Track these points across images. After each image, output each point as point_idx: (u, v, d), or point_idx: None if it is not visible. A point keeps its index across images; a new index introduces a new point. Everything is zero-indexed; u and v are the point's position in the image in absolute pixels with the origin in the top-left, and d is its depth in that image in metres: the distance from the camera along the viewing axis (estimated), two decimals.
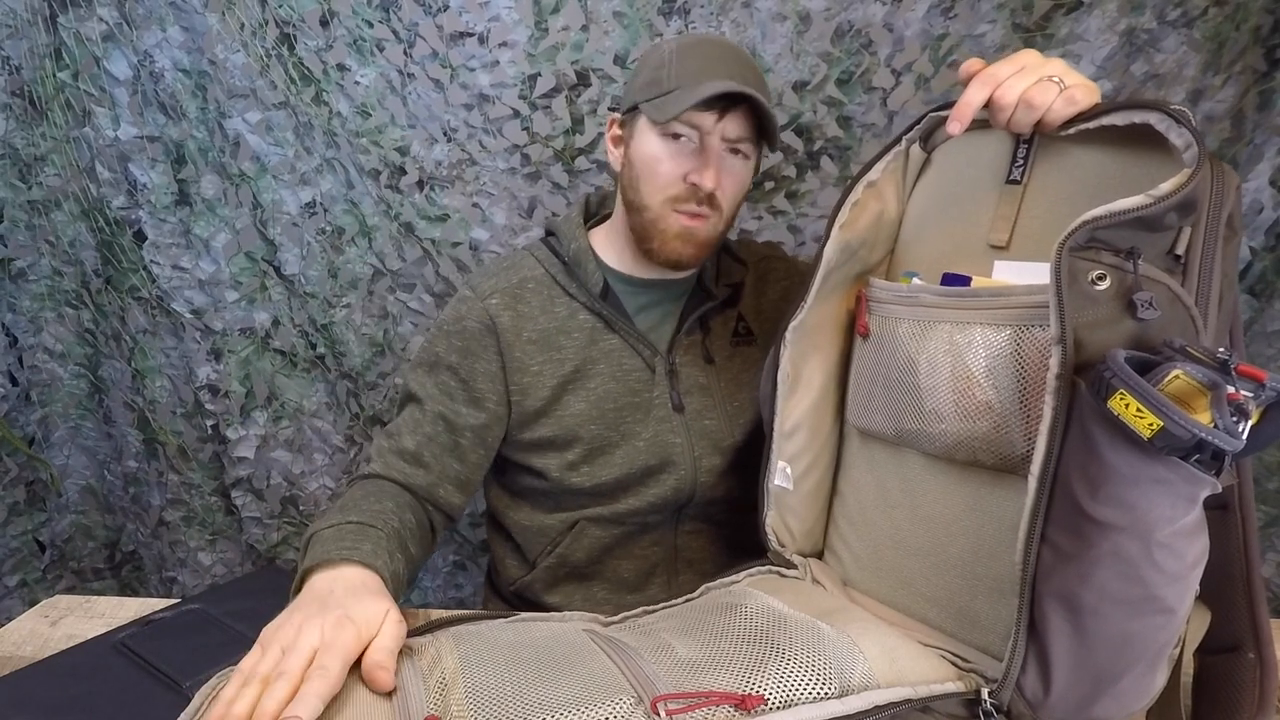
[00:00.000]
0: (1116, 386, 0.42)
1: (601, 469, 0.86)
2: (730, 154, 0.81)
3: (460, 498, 0.86)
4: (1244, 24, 1.09)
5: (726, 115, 0.78)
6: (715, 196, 0.80)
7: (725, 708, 0.48)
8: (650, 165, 0.81)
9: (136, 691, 0.64)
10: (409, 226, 1.25)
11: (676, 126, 0.78)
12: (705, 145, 0.79)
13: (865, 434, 0.70)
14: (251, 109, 1.19)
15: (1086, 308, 0.47)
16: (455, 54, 1.18)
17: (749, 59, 0.82)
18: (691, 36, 0.84)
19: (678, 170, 0.80)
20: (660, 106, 0.78)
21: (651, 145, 0.81)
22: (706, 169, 0.78)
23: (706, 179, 0.78)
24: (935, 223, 0.68)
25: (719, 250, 0.94)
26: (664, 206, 0.81)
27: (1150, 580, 0.45)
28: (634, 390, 0.87)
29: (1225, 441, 0.40)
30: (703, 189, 0.79)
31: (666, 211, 0.81)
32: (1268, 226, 1.16)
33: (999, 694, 0.51)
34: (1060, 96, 0.55)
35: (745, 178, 0.84)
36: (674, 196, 0.81)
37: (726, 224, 0.85)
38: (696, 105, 0.76)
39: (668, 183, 0.80)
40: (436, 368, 0.87)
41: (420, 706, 0.49)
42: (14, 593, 1.42)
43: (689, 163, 0.79)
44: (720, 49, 0.81)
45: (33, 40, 1.16)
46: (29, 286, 1.29)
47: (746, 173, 0.84)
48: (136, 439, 1.36)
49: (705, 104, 0.76)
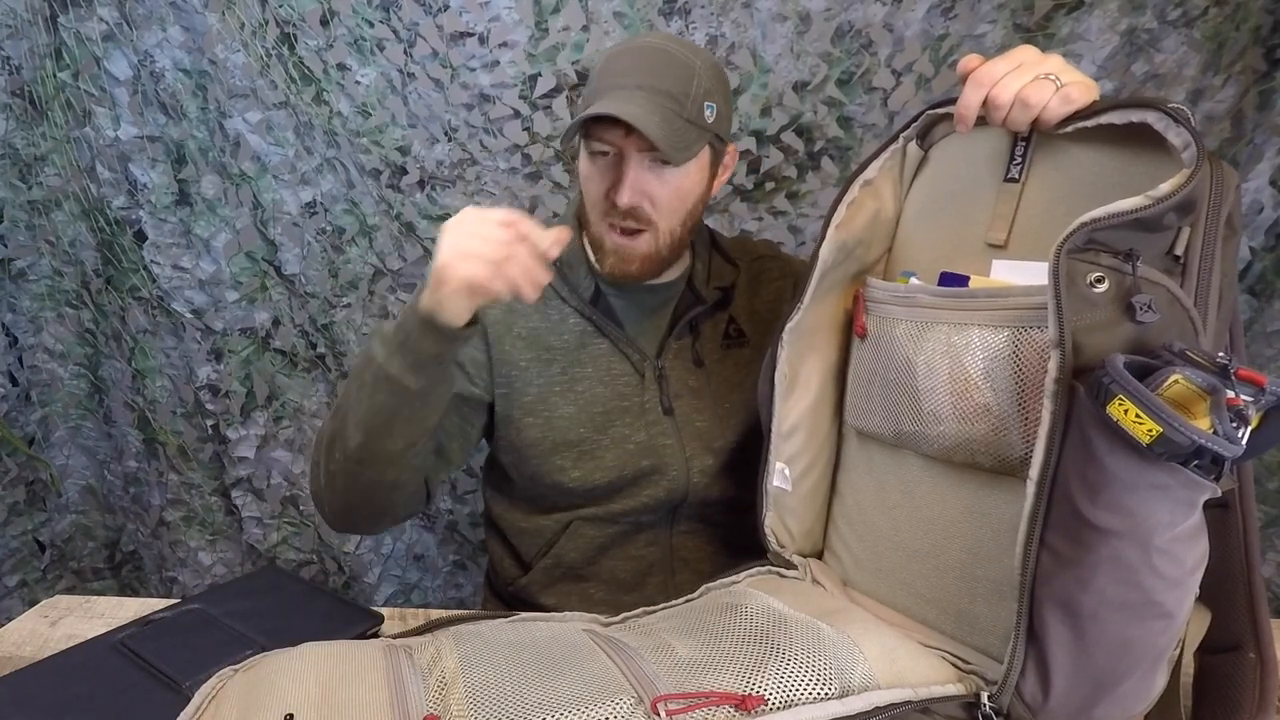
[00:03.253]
0: (1115, 392, 0.41)
1: (594, 472, 0.86)
2: (659, 165, 0.78)
3: (436, 465, 0.84)
4: (1244, 24, 1.09)
5: (634, 131, 0.74)
6: (641, 211, 0.79)
7: (725, 708, 0.49)
8: (584, 183, 0.83)
9: (136, 691, 0.64)
10: (410, 226, 1.25)
11: (594, 144, 0.79)
12: (622, 158, 0.78)
13: (864, 435, 0.69)
14: (252, 109, 1.19)
15: (1085, 310, 0.47)
16: (456, 54, 1.18)
17: (665, 64, 0.78)
18: (621, 45, 0.83)
19: (601, 187, 0.80)
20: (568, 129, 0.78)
21: (583, 164, 0.82)
22: (621, 184, 0.78)
23: (621, 195, 0.78)
24: (933, 221, 0.67)
25: (709, 252, 0.94)
26: (600, 223, 0.82)
27: (1149, 585, 0.45)
28: (622, 394, 0.87)
29: (1225, 447, 0.40)
30: (619, 204, 0.78)
31: (604, 228, 0.82)
32: (1268, 226, 1.16)
33: (998, 698, 0.51)
34: (1057, 95, 0.54)
35: (682, 187, 0.81)
36: (604, 213, 0.81)
37: (673, 236, 0.83)
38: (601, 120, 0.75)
39: (595, 201, 0.81)
40: None
41: (420, 705, 0.49)
42: (14, 593, 1.42)
43: (610, 178, 0.79)
44: (635, 58, 0.79)
45: (33, 40, 1.16)
46: (29, 286, 1.29)
47: (684, 181, 0.80)
48: (136, 439, 1.36)
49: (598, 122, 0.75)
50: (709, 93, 0.79)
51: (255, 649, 0.67)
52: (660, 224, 0.81)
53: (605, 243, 0.83)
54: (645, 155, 0.78)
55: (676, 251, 0.86)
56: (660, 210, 0.80)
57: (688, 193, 0.82)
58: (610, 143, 0.78)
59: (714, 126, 0.80)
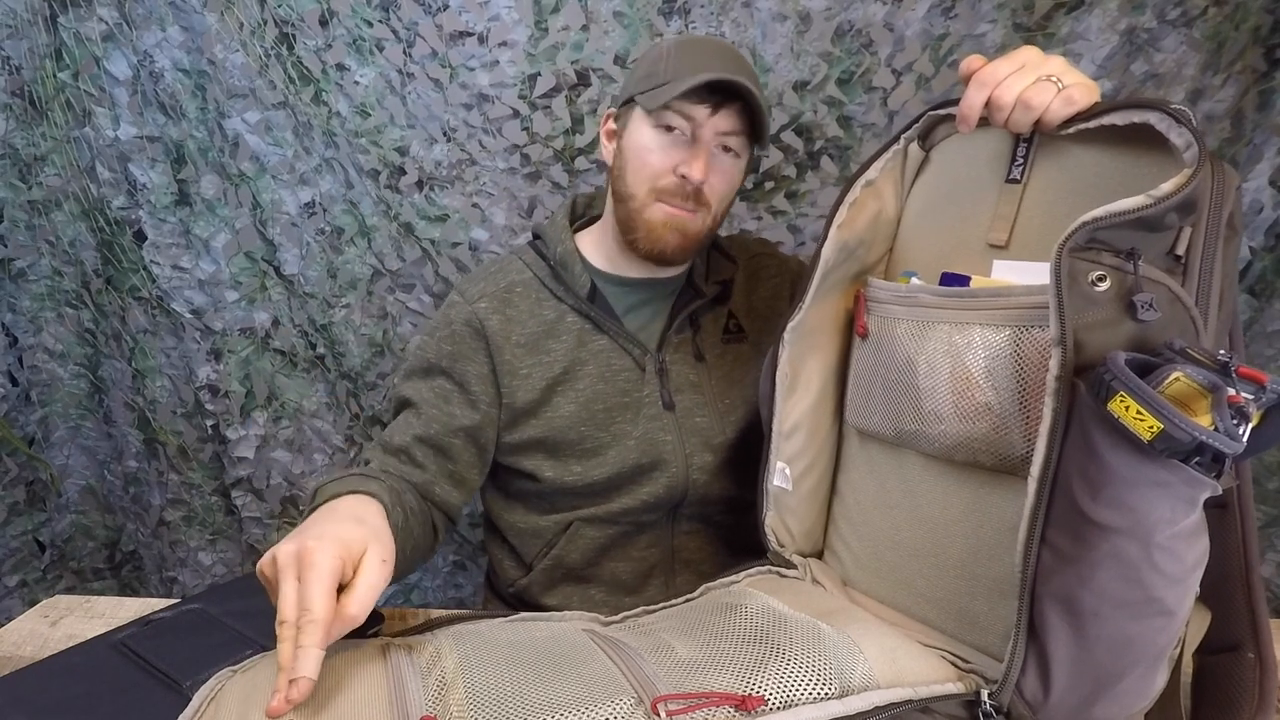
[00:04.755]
0: (1116, 389, 0.41)
1: (593, 469, 0.86)
2: (722, 151, 0.81)
3: (458, 495, 0.86)
4: (1244, 24, 1.09)
5: (720, 110, 0.78)
6: (703, 192, 0.81)
7: (725, 708, 0.48)
8: (641, 155, 0.81)
9: (136, 691, 0.64)
10: (408, 227, 1.25)
11: (669, 118, 0.79)
12: (697, 138, 0.79)
13: (864, 434, 0.69)
14: (251, 109, 1.19)
15: (1086, 309, 0.47)
16: (455, 54, 1.18)
17: (745, 59, 0.83)
18: (691, 35, 0.85)
19: (668, 162, 0.80)
20: (654, 95, 0.79)
21: (644, 136, 0.81)
22: (696, 160, 0.79)
23: (695, 170, 0.78)
24: (934, 222, 0.67)
25: (709, 247, 0.94)
26: (649, 196, 0.82)
27: (1150, 583, 0.45)
28: (623, 390, 0.87)
29: (1225, 444, 0.40)
30: (691, 180, 0.79)
31: (651, 201, 0.82)
32: (1268, 226, 1.16)
33: (999, 695, 0.51)
34: (1058, 96, 0.55)
35: (736, 177, 0.84)
36: (661, 188, 0.81)
37: (715, 222, 0.85)
38: (690, 96, 0.77)
39: (656, 173, 0.81)
40: (431, 372, 0.87)
41: (418, 705, 0.49)
42: (14, 593, 1.42)
43: (679, 154, 0.80)
44: (717, 47, 0.82)
45: (33, 40, 1.16)
46: (29, 286, 1.29)
47: (737, 172, 0.84)
48: (136, 439, 1.36)
49: (699, 96, 0.77)
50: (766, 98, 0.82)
51: (255, 649, 0.67)
52: (713, 207, 0.83)
53: (655, 215, 0.82)
54: (720, 139, 0.80)
55: (711, 239, 0.87)
56: (717, 195, 0.82)
57: (736, 185, 0.85)
58: (690, 117, 0.79)
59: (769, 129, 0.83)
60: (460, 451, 0.85)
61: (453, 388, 0.86)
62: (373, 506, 0.64)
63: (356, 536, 0.55)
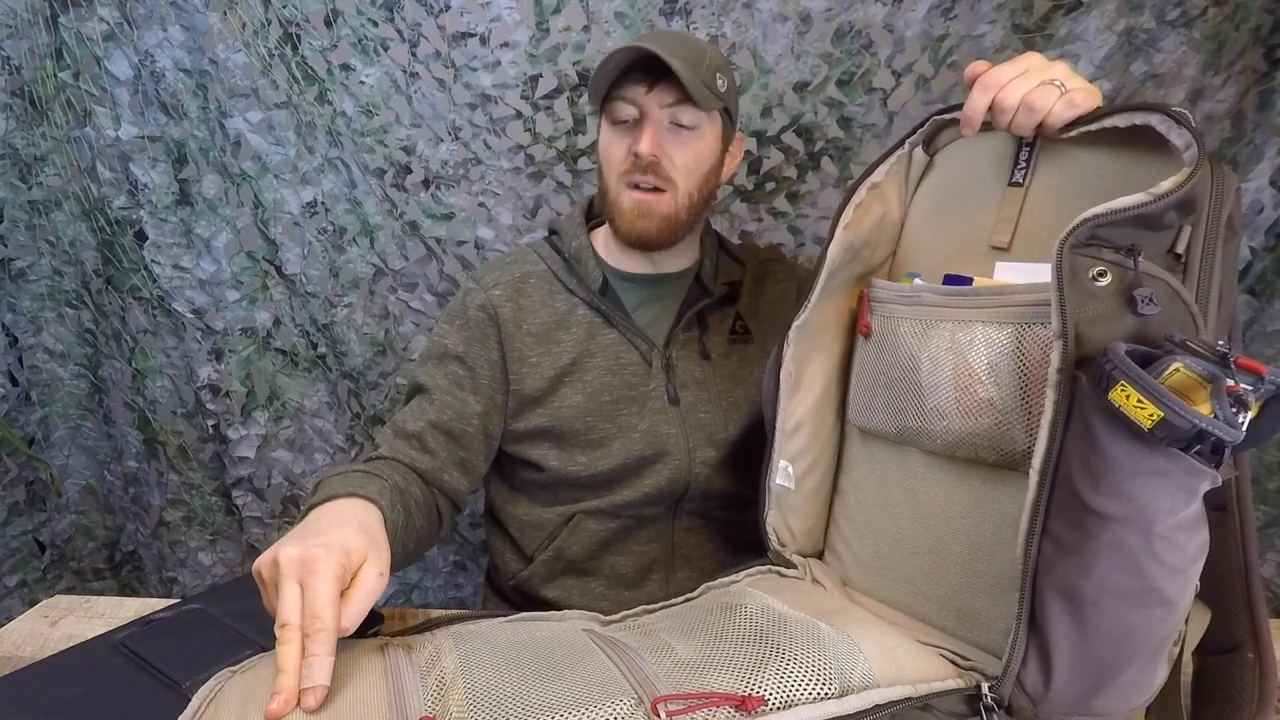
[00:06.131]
0: (1117, 378, 0.42)
1: (598, 459, 0.87)
2: (676, 127, 0.83)
3: (465, 482, 0.87)
4: (1244, 24, 1.09)
5: (657, 86, 0.80)
6: (662, 166, 0.82)
7: (725, 709, 0.48)
8: (605, 151, 0.86)
9: (136, 691, 0.64)
10: (414, 225, 1.26)
11: (617, 110, 0.83)
12: (643, 116, 0.82)
13: (866, 433, 0.70)
14: (252, 108, 1.19)
15: (1087, 303, 0.47)
16: (458, 54, 1.18)
17: (681, 35, 0.85)
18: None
19: (623, 148, 0.84)
20: (593, 93, 0.83)
21: (604, 135, 0.86)
22: (642, 135, 0.82)
23: (643, 143, 0.81)
24: (937, 225, 0.68)
25: (717, 249, 0.96)
26: (618, 184, 0.85)
27: (1150, 572, 0.46)
28: (630, 383, 0.88)
29: (1225, 432, 0.40)
30: (640, 154, 0.81)
31: (621, 189, 0.85)
32: (1268, 226, 1.16)
33: (1000, 688, 0.51)
34: (1061, 100, 0.55)
35: (700, 150, 0.85)
36: (623, 173, 0.84)
37: (691, 201, 0.86)
38: (624, 81, 0.80)
39: (617, 161, 0.85)
40: (445, 359, 0.89)
41: (418, 705, 0.49)
42: (14, 593, 1.42)
43: (632, 138, 0.83)
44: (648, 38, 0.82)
45: (33, 40, 1.16)
46: (29, 286, 1.29)
47: (700, 145, 0.84)
48: (137, 439, 1.36)
49: (633, 78, 0.80)
50: (719, 67, 0.83)
51: (255, 649, 0.67)
52: (679, 184, 0.84)
53: (625, 203, 0.85)
54: (666, 113, 0.82)
55: (692, 221, 0.88)
56: (679, 170, 0.84)
57: (703, 157, 0.85)
58: (632, 102, 0.82)
59: (725, 97, 0.84)
60: (471, 438, 0.87)
61: (465, 374, 0.88)
62: (374, 514, 0.64)
63: (358, 546, 0.55)
